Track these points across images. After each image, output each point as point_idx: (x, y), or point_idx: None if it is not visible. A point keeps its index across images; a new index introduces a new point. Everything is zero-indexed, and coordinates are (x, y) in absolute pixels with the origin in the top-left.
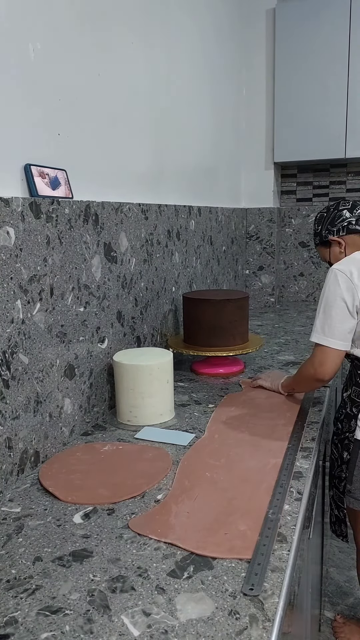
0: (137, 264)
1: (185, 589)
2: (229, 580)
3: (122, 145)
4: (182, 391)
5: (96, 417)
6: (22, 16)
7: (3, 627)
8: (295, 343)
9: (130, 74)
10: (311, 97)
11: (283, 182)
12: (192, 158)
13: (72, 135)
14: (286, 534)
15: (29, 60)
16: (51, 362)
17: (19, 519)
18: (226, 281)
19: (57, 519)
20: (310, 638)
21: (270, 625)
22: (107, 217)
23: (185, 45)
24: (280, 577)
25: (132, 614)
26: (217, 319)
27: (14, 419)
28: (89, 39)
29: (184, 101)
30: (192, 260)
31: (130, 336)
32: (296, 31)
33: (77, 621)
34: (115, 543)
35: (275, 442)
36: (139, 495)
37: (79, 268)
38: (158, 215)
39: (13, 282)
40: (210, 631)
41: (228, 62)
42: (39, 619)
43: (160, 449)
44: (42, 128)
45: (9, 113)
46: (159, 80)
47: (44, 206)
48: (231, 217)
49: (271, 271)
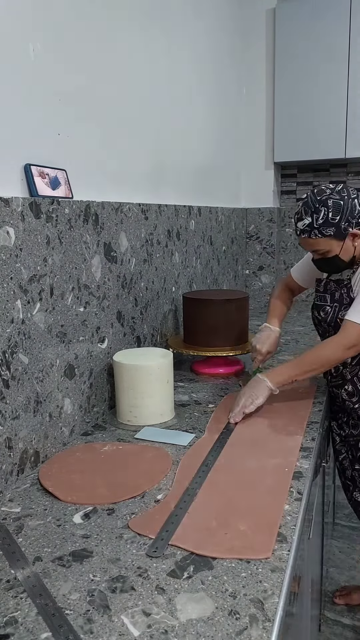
0: (137, 264)
1: (185, 589)
2: (229, 580)
3: (122, 145)
4: (182, 391)
5: (96, 417)
6: (22, 16)
7: (3, 627)
8: (296, 343)
9: (131, 74)
10: (311, 97)
11: (283, 182)
12: (192, 158)
13: (72, 135)
14: (286, 534)
15: (29, 60)
16: (51, 362)
17: (19, 519)
18: (226, 281)
19: (57, 519)
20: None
21: (270, 625)
22: (107, 217)
23: (186, 46)
24: (280, 577)
25: (132, 614)
26: (217, 319)
27: (14, 419)
28: (89, 38)
29: (184, 101)
30: (192, 260)
31: (130, 336)
32: (296, 31)
33: (77, 621)
34: (115, 543)
35: (275, 442)
36: (139, 495)
37: (79, 268)
38: (158, 215)
39: (13, 282)
40: (210, 631)
41: (228, 62)
42: (39, 619)
43: (160, 449)
44: (42, 128)
45: (9, 113)
46: (159, 80)
47: (44, 206)
48: (231, 217)
49: (271, 271)
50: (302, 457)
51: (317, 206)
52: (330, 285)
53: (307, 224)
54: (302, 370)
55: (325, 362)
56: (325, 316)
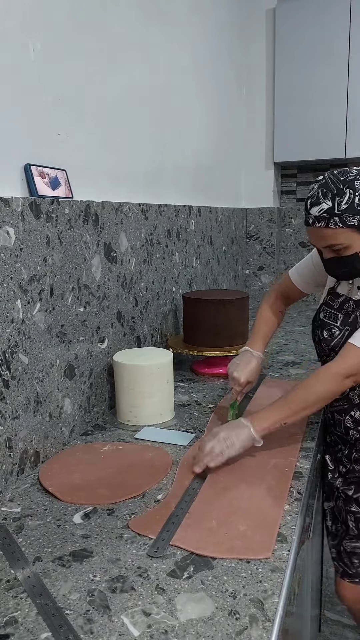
0: (137, 264)
1: (185, 589)
2: (229, 580)
3: (122, 145)
4: (182, 391)
5: (96, 417)
6: (22, 16)
7: (3, 627)
8: (296, 343)
9: (130, 74)
10: (311, 97)
11: (283, 182)
12: (192, 158)
13: (72, 135)
14: (286, 534)
15: (29, 60)
16: (51, 362)
17: (19, 519)
18: (226, 281)
19: (57, 519)
20: (310, 638)
21: (270, 625)
22: (107, 217)
23: (185, 45)
24: (280, 577)
25: (132, 614)
26: (217, 319)
27: (14, 419)
28: (89, 38)
29: (184, 101)
30: (192, 260)
31: (130, 336)
32: (296, 31)
33: (77, 621)
34: (115, 543)
35: (275, 441)
36: (139, 495)
37: (79, 268)
38: (158, 215)
39: (13, 282)
40: (210, 631)
41: (228, 62)
42: (39, 619)
43: (160, 449)
44: (42, 128)
45: (9, 113)
46: (159, 80)
47: (44, 206)
48: (231, 217)
49: (271, 271)
50: (302, 457)
51: (340, 187)
52: (349, 304)
53: (326, 210)
54: (293, 411)
55: (320, 398)
56: (330, 338)
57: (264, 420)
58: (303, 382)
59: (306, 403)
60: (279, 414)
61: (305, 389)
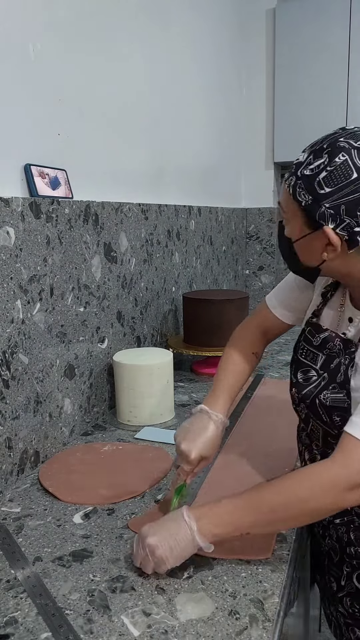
0: (137, 264)
1: (185, 589)
2: (229, 580)
3: (122, 145)
4: (182, 391)
5: (96, 417)
6: (22, 16)
7: (3, 627)
8: None
9: (130, 74)
10: (311, 97)
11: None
12: (192, 158)
13: (72, 135)
14: (286, 534)
15: (29, 60)
16: (51, 362)
17: (19, 519)
18: (226, 281)
19: (57, 519)
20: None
21: (270, 625)
22: (107, 217)
23: (185, 45)
24: (280, 577)
25: (132, 614)
26: (217, 319)
27: (14, 419)
28: (89, 38)
29: (184, 101)
30: (192, 260)
31: (130, 336)
32: (296, 31)
33: (77, 621)
34: (115, 543)
35: (275, 442)
36: (139, 495)
37: (79, 268)
38: (158, 215)
39: (13, 282)
40: (210, 631)
41: (228, 62)
42: (39, 619)
43: (160, 449)
44: (42, 128)
45: (9, 113)
46: (159, 79)
47: (44, 206)
48: (231, 217)
49: (271, 271)
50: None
51: (324, 147)
52: (335, 343)
53: (296, 163)
54: (264, 520)
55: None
56: (305, 384)
57: (218, 524)
58: (284, 481)
59: (287, 512)
60: (242, 518)
61: (285, 494)
